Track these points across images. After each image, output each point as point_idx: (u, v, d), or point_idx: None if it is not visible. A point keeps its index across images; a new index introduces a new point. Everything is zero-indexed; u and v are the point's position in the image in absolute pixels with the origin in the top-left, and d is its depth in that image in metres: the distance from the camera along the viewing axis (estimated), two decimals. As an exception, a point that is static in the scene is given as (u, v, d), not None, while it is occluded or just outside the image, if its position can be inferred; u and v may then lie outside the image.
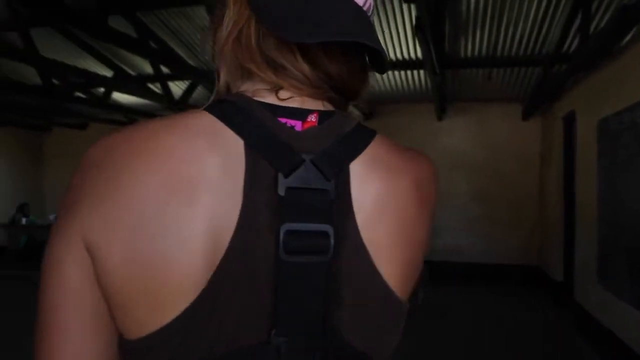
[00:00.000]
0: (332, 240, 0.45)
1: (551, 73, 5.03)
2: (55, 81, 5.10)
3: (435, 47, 3.65)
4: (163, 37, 6.05)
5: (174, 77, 6.72)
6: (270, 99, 0.49)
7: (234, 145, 0.46)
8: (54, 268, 0.44)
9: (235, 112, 0.47)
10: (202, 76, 6.06)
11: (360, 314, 0.49)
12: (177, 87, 7.22)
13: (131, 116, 8.32)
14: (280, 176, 0.45)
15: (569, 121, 5.64)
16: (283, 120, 0.48)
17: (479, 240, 7.53)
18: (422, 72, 6.33)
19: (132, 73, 7.07)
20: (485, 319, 5.48)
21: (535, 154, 7.34)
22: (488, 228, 7.49)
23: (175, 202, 0.42)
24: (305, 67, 0.48)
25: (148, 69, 6.59)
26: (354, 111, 6.71)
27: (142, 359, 0.43)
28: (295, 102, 0.50)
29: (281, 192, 0.44)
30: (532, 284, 6.97)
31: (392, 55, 5.95)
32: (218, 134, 0.46)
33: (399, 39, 5.47)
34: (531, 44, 5.02)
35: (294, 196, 0.45)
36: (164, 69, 6.23)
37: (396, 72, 6.43)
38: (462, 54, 5.47)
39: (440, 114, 7.25)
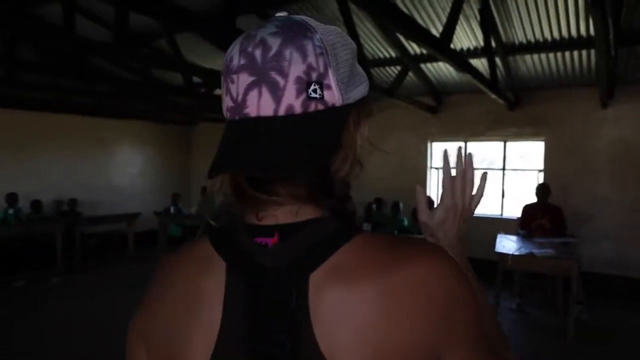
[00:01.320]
0: (287, 349, 0.50)
1: None
2: (196, 80, 5.46)
3: (614, 21, 2.92)
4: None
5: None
6: (252, 220, 0.57)
7: (220, 267, 0.56)
8: (128, 344, 0.64)
9: (223, 239, 0.58)
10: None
11: None
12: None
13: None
14: (250, 291, 0.53)
15: None
16: (259, 239, 0.55)
17: (652, 253, 6.24)
18: (584, 52, 5.36)
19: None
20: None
21: None
22: (666, 238, 6.16)
23: (182, 313, 0.57)
24: (254, 193, 0.55)
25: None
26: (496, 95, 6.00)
27: None
28: (271, 219, 0.56)
29: (251, 305, 0.53)
30: None
31: (546, 35, 5.12)
32: (210, 259, 0.57)
33: (556, 16, 4.66)
34: None
35: (261, 308, 0.52)
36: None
37: (550, 54, 5.55)
38: (643, 27, 4.45)
39: (606, 100, 6.10)
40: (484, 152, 8.26)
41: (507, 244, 5.07)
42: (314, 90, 0.53)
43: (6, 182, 7.39)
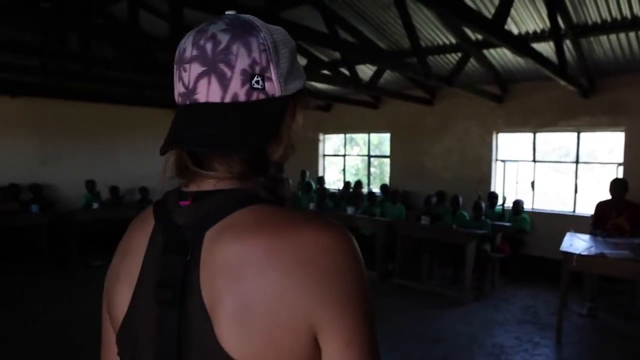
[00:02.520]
0: (177, 295, 0.58)
1: None
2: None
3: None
4: (351, 21, 6.01)
5: (364, 61, 6.58)
6: (184, 187, 0.67)
7: (151, 224, 0.67)
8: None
9: (160, 202, 0.69)
10: (390, 59, 5.79)
11: None
12: (369, 70, 7.12)
13: (327, 101, 8.75)
14: (164, 244, 0.62)
15: None
16: (182, 202, 0.64)
17: None
18: (671, 30, 4.79)
19: (325, 59, 7.29)
20: None
21: None
22: None
23: (121, 262, 0.69)
24: (194, 168, 0.63)
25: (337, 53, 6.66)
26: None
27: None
28: (194, 187, 0.65)
29: (162, 254, 0.62)
30: None
31: (625, 12, 4.64)
32: (148, 218, 0.68)
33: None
34: None
35: (168, 257, 0.61)
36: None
37: (631, 34, 5.02)
38: None
39: (699, 85, 5.42)
40: (556, 144, 7.69)
41: (577, 243, 4.64)
42: (257, 82, 0.61)
43: (85, 170, 8.09)
